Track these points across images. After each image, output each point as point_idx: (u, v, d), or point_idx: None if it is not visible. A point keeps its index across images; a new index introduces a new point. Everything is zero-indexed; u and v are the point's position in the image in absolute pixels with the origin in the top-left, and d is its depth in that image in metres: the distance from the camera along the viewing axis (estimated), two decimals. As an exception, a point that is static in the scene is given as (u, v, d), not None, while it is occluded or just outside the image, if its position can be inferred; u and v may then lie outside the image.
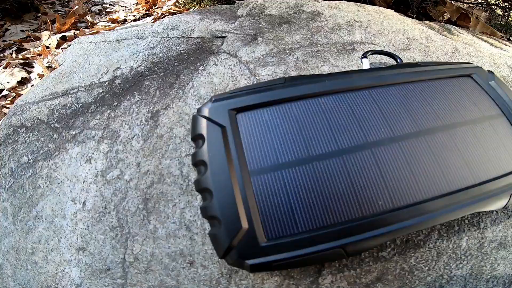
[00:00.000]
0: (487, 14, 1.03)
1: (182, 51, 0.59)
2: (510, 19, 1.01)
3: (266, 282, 0.35)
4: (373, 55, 0.55)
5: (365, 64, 0.50)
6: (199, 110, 0.38)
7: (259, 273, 0.36)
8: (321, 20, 0.66)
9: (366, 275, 0.37)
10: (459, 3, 1.14)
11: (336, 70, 0.54)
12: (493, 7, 1.02)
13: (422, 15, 1.16)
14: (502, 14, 0.99)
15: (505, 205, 0.35)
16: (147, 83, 0.54)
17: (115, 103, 0.51)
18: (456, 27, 0.79)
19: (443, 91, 0.41)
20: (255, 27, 0.63)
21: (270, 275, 0.36)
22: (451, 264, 0.38)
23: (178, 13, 1.06)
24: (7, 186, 0.44)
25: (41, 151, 0.47)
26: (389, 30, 0.65)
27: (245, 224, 0.30)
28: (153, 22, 0.97)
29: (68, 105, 0.52)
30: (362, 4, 0.75)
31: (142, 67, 0.56)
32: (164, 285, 0.35)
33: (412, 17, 1.03)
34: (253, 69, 0.54)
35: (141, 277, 0.36)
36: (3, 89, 0.74)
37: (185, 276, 0.36)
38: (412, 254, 0.38)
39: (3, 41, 0.95)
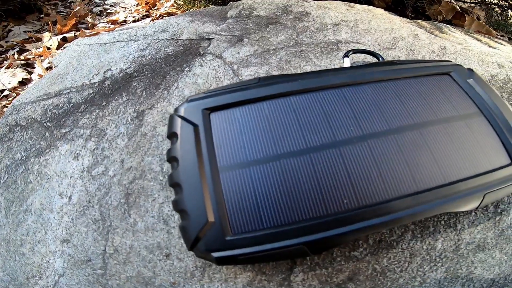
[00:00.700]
0: (485, 13, 1.02)
1: (170, 53, 0.61)
2: (508, 18, 0.99)
3: (238, 276, 0.37)
4: (357, 54, 0.56)
5: (346, 63, 0.51)
6: (176, 109, 0.40)
7: (232, 268, 0.37)
8: (308, 20, 0.67)
9: (337, 275, 0.37)
10: (460, 2, 1.13)
11: (317, 70, 0.55)
12: (491, 6, 1.00)
13: (420, 14, 1.15)
14: (500, 13, 0.97)
15: (478, 206, 0.34)
16: (135, 84, 0.56)
17: (104, 103, 0.54)
18: (448, 26, 0.79)
19: (418, 89, 0.41)
20: (242, 28, 0.65)
21: (243, 270, 0.37)
22: (424, 266, 0.37)
23: (175, 15, 1.08)
24: (1, 181, 0.47)
25: (34, 149, 0.50)
26: (376, 29, 0.65)
27: (211, 218, 0.32)
28: (150, 23, 1.00)
29: (60, 105, 0.55)
30: (351, 4, 0.76)
31: (131, 69, 0.59)
32: (141, 276, 0.37)
33: (409, 17, 1.02)
34: (237, 69, 0.55)
35: (120, 268, 0.38)
36: (5, 89, 0.77)
37: (161, 268, 0.38)
38: (385, 255, 0.38)
39: (6, 41, 0.99)
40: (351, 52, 0.53)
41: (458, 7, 1.04)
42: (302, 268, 0.37)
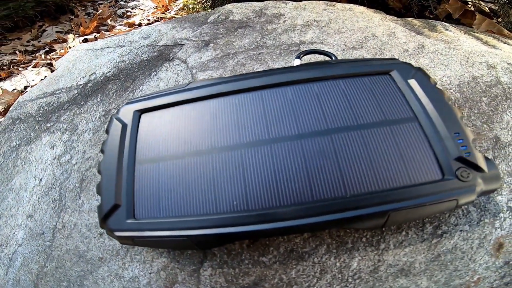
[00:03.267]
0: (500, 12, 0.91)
1: (144, 58, 0.68)
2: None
3: (155, 261, 0.41)
4: (315, 54, 0.56)
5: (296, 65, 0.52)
6: (117, 110, 0.46)
7: (151, 252, 0.42)
8: (278, 22, 0.68)
9: (244, 277, 0.37)
10: (477, 1, 1.02)
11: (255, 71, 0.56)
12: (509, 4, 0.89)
13: (429, 14, 1.07)
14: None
15: (383, 225, 0.32)
16: (110, 86, 0.64)
17: (82, 103, 0.62)
18: (446, 24, 0.73)
19: (345, 90, 0.40)
20: (212, 33, 0.69)
21: (159, 255, 0.42)
22: (334, 285, 0.35)
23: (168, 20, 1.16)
24: (-4, 164, 0.58)
25: (25, 138, 0.60)
26: (348, 29, 0.64)
27: (119, 202, 0.37)
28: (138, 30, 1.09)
29: (51, 103, 0.65)
30: (332, 3, 0.75)
31: (110, 73, 0.67)
32: (78, 249, 0.44)
33: (415, 16, 0.96)
34: (195, 73, 0.60)
35: (63, 242, 0.45)
36: (28, 86, 0.92)
37: (94, 244, 0.44)
38: (294, 266, 0.36)
39: (38, 41, 1.16)
40: (302, 54, 0.53)
41: (486, 8, 0.95)
42: (211, 263, 0.39)
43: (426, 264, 0.35)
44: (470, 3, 1.09)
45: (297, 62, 0.51)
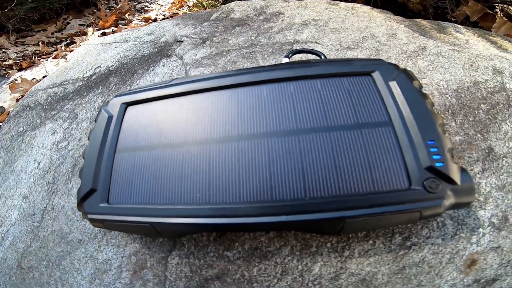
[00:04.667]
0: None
1: (145, 54, 0.70)
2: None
3: (128, 245, 0.43)
4: (302, 54, 0.55)
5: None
6: (107, 102, 0.48)
7: (126, 237, 0.44)
8: (276, 21, 0.68)
9: (207, 269, 0.38)
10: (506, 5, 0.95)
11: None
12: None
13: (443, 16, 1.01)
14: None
15: (339, 231, 0.31)
16: (111, 79, 0.67)
17: (85, 93, 0.66)
18: (458, 26, 0.69)
19: (321, 90, 0.38)
20: (211, 31, 0.70)
21: (132, 241, 0.43)
22: None
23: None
24: (5, 147, 0.63)
25: (31, 124, 0.65)
26: (346, 28, 0.62)
27: (95, 187, 0.39)
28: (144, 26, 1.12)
29: (58, 93, 0.70)
30: (335, 2, 0.73)
31: (113, 67, 0.70)
32: (61, 230, 0.47)
33: (430, 18, 0.92)
34: (188, 70, 0.61)
35: (50, 223, 0.48)
36: (46, 75, 0.99)
37: (76, 227, 0.46)
38: (257, 264, 0.37)
39: (61, 34, 1.24)
40: (291, 54, 0.53)
41: None
42: (179, 253, 0.40)
43: (389, 276, 0.33)
44: (497, 6, 1.01)
45: (285, 61, 0.51)
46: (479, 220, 0.35)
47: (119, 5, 1.38)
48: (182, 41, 0.70)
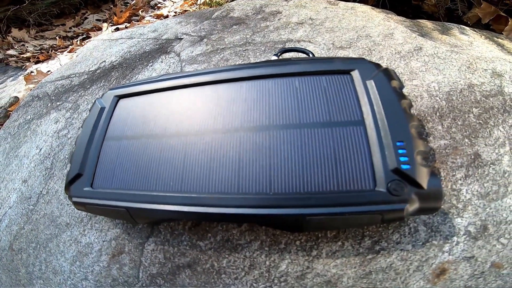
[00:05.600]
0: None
1: (147, 50, 0.73)
2: None
3: (110, 230, 0.45)
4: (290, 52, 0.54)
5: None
6: (102, 95, 0.51)
7: (109, 222, 0.46)
8: (273, 20, 0.68)
9: (180, 257, 0.38)
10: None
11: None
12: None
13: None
14: None
15: (301, 229, 0.31)
16: (113, 73, 0.70)
17: (88, 86, 0.69)
18: (465, 28, 0.66)
19: (298, 87, 0.38)
20: (209, 29, 0.72)
21: (115, 226, 0.45)
22: (259, 283, 0.35)
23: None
24: (12, 133, 0.68)
25: (38, 113, 0.69)
26: (342, 28, 0.61)
27: (82, 171, 0.41)
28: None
29: (65, 85, 0.74)
30: (335, 1, 0.72)
31: (117, 62, 0.73)
32: (52, 214, 0.50)
33: (441, 19, 0.88)
34: (183, 66, 0.63)
35: (43, 206, 0.51)
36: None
37: (66, 211, 0.49)
38: (226, 256, 0.37)
39: (79, 28, 1.30)
40: (279, 52, 0.53)
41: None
42: (155, 239, 0.42)
43: (354, 280, 0.33)
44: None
45: (273, 59, 0.51)
46: (454, 228, 0.34)
47: (134, 1, 1.42)
48: (182, 38, 0.72)
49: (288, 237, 0.37)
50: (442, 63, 0.50)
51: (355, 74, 0.37)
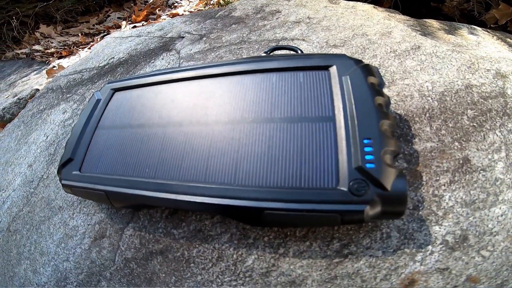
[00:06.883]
0: None
1: (151, 48, 0.76)
2: None
3: (95, 215, 0.47)
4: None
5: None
6: (101, 88, 0.53)
7: (96, 207, 0.48)
8: (271, 19, 0.68)
9: (154, 244, 0.39)
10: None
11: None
12: None
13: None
14: None
15: (260, 222, 0.31)
16: (118, 69, 0.73)
17: (96, 80, 0.74)
18: (476, 28, 0.62)
19: (275, 83, 0.38)
20: (210, 28, 0.73)
21: (100, 211, 0.47)
22: (225, 276, 0.35)
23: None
24: (26, 122, 0.73)
25: (50, 104, 0.74)
26: (338, 26, 0.60)
27: (73, 156, 0.43)
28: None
29: (76, 79, 0.79)
30: (336, 0, 0.70)
31: (124, 58, 0.77)
32: (48, 197, 0.53)
33: (456, 20, 0.83)
34: (181, 63, 0.64)
35: (42, 190, 0.55)
36: (79, 67, 1.11)
37: (61, 195, 0.52)
38: (197, 246, 0.37)
39: (101, 26, 1.38)
40: (269, 51, 0.53)
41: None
42: (134, 225, 0.43)
43: (318, 283, 0.31)
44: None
45: None
46: (430, 236, 0.31)
47: (152, 0, 1.48)
48: (184, 37, 0.74)
49: (257, 232, 0.36)
50: (440, 62, 0.46)
51: (333, 70, 0.36)
